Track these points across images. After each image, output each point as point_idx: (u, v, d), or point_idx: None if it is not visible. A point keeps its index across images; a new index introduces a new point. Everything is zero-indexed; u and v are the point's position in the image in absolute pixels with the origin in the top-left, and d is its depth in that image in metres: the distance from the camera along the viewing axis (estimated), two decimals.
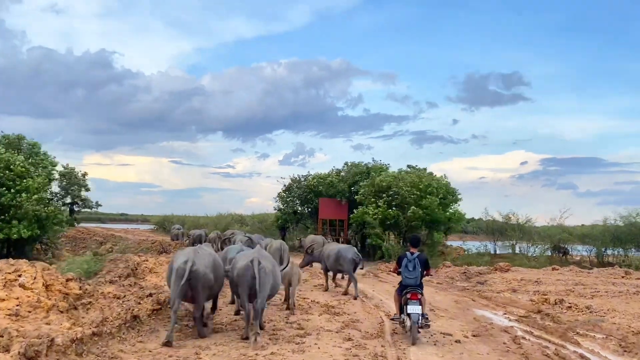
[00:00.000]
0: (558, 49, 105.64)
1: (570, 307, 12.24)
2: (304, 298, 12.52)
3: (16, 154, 22.78)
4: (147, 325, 7.94)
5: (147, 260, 14.55)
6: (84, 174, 25.63)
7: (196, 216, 61.12)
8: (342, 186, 31.52)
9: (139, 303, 8.80)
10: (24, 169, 21.85)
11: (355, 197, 29.32)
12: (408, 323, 8.37)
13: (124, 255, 14.88)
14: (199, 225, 49.87)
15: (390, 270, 13.48)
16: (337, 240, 32.87)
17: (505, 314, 12.11)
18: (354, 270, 13.52)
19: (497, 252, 34.94)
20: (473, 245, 35.90)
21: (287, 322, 9.40)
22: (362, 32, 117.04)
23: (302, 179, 35.02)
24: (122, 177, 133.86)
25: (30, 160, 24.36)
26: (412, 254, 8.80)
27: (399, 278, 9.02)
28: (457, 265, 23.77)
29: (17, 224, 21.06)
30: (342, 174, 33.47)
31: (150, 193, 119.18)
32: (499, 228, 35.29)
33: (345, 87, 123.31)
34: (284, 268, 10.37)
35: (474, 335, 9.25)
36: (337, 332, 8.75)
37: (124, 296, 9.00)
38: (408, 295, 8.48)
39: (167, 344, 7.12)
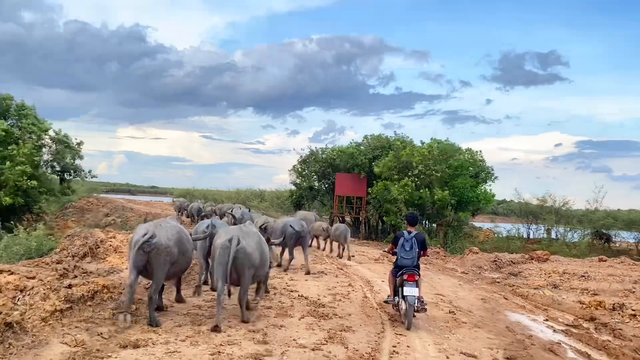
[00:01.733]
0: (599, 27, 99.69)
1: (634, 314, 9.41)
2: (291, 291, 10.01)
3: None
4: (32, 335, 5.54)
5: (114, 237, 12.26)
6: (80, 143, 23.52)
7: (218, 190, 60.20)
8: (362, 159, 28.61)
9: (47, 298, 6.44)
10: (5, 134, 19.93)
11: (375, 169, 26.41)
12: (404, 306, 7.85)
13: (83, 231, 12.64)
14: (218, 199, 48.47)
15: (384, 251, 11.17)
16: (356, 220, 30.34)
17: (547, 320, 9.42)
18: (305, 244, 12.82)
19: (531, 236, 32.05)
20: (504, 227, 33.02)
21: (249, 330, 6.90)
22: (395, 9, 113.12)
23: (320, 152, 32.28)
24: (155, 150, 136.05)
25: (18, 124, 22.47)
26: (409, 233, 8.27)
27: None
28: (486, 250, 20.97)
29: None
30: (362, 147, 30.54)
31: (181, 167, 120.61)
32: (533, 211, 32.19)
33: (377, 64, 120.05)
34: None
35: (507, 358, 6.61)
36: (312, 350, 6.21)
37: (31, 288, 6.65)
38: (404, 277, 7.95)
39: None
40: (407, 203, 23.78)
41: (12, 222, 16.36)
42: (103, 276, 9.72)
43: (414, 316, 7.89)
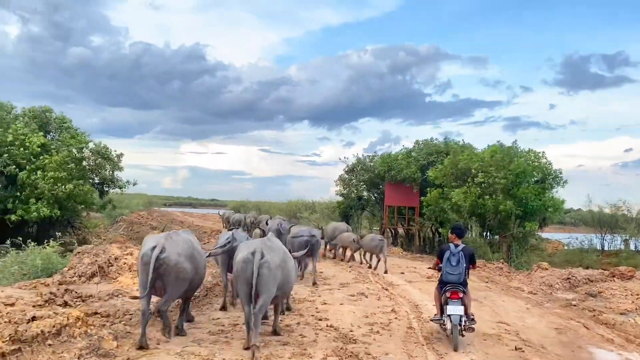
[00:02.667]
0: None
1: None
2: (319, 319, 8.36)
3: (37, 131, 20.50)
4: None
5: (130, 254, 11.07)
6: (119, 155, 23.00)
7: (271, 202, 59.99)
8: (412, 171, 26.02)
9: None
10: (39, 148, 19.54)
11: (429, 175, 24.12)
12: (449, 325, 7.38)
13: (94, 248, 11.52)
14: (268, 211, 47.85)
15: (429, 267, 9.47)
16: (407, 232, 28.26)
17: None
18: (313, 254, 11.88)
19: (605, 247, 28.90)
20: (575, 237, 30.01)
21: None
22: (451, 15, 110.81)
23: (368, 160, 30.40)
24: (216, 165, 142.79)
25: (57, 137, 22.17)
26: (456, 246, 7.67)
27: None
28: (555, 264, 18.51)
29: (36, 203, 18.82)
30: (413, 154, 28.22)
31: (241, 180, 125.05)
32: (608, 220, 29.01)
33: (434, 72, 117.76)
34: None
35: None
36: None
37: None
38: (448, 294, 7.50)
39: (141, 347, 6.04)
40: (468, 211, 21.60)
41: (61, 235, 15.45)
42: (104, 300, 8.51)
43: (462, 335, 7.34)
